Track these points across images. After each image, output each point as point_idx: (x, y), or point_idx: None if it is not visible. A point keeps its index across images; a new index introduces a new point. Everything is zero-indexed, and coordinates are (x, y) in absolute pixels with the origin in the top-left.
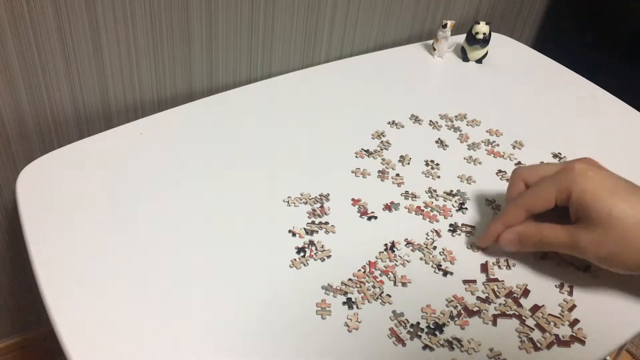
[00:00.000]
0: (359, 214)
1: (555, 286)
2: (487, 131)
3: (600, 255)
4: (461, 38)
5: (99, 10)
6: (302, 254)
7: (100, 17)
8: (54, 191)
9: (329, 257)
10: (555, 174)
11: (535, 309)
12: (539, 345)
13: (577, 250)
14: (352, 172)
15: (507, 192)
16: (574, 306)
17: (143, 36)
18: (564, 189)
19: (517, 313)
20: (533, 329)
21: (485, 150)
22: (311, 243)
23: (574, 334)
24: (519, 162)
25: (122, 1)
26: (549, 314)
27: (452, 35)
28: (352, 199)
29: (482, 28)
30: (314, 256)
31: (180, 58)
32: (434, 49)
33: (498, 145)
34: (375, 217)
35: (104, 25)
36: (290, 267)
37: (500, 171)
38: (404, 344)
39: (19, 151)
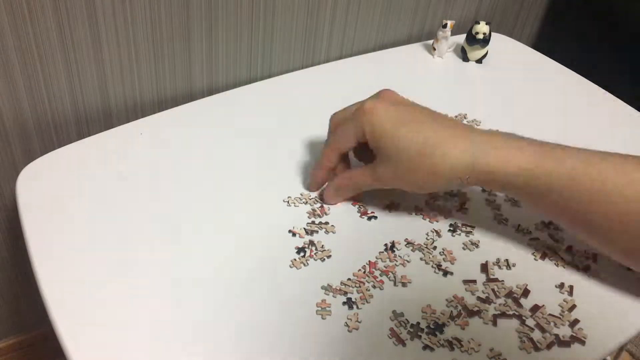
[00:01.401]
0: (359, 214)
1: (555, 286)
2: None
3: (398, 183)
4: (461, 38)
5: (99, 10)
6: (302, 254)
7: (100, 17)
8: (54, 191)
9: (329, 257)
10: (352, 114)
11: (535, 309)
12: (539, 345)
13: (379, 183)
14: None
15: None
16: (574, 306)
17: (143, 36)
18: (358, 128)
19: (517, 313)
20: (533, 329)
21: None
22: (311, 243)
23: (574, 334)
24: None
25: (122, 1)
26: (549, 314)
27: (452, 35)
28: (352, 199)
29: (482, 28)
30: (314, 256)
31: (180, 58)
32: (434, 49)
33: None
34: (375, 217)
35: (104, 25)
36: (290, 267)
37: None
38: (404, 344)
39: (19, 151)
